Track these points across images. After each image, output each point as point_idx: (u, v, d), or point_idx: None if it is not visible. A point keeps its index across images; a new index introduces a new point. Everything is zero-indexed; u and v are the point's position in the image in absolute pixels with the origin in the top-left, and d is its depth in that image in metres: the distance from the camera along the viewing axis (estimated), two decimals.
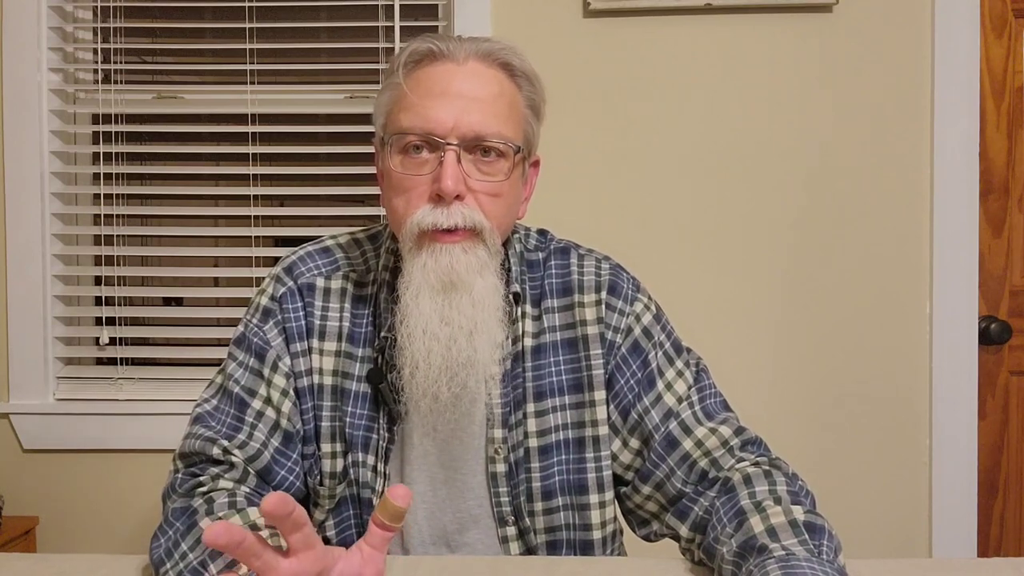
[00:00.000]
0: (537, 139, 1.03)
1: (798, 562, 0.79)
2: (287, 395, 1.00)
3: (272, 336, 1.02)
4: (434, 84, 0.94)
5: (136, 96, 1.98)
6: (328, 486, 1.02)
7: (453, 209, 0.92)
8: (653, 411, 1.01)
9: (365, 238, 1.10)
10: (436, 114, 0.93)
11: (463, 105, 0.93)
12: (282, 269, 1.06)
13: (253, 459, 0.96)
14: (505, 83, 0.97)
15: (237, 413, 0.99)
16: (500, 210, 0.97)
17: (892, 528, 1.88)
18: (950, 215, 1.85)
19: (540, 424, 1.02)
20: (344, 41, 1.98)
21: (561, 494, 1.02)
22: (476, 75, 0.95)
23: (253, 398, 0.99)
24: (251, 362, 1.01)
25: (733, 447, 0.99)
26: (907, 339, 1.87)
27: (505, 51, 0.97)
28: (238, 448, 0.96)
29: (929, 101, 1.85)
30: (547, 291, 1.05)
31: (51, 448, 1.96)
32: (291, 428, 1.00)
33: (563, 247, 1.10)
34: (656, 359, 1.03)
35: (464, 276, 0.93)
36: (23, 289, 1.93)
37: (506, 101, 0.96)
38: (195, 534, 0.87)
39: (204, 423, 0.99)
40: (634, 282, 1.08)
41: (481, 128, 0.93)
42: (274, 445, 0.98)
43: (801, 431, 1.88)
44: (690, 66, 1.87)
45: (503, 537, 1.02)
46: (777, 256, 1.88)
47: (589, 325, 1.03)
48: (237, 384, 1.00)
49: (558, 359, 1.03)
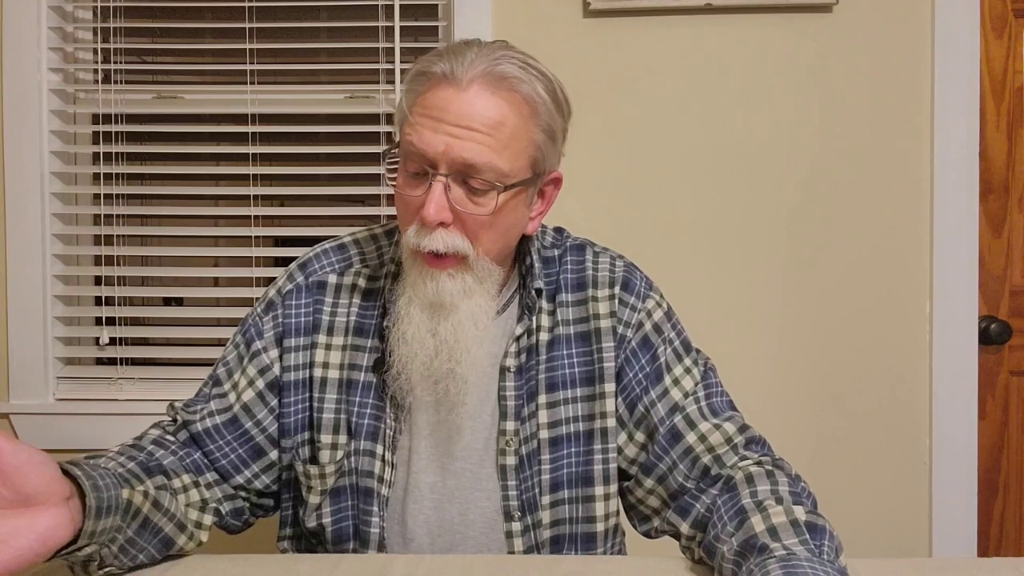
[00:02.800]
0: (556, 159, 1.03)
1: (799, 561, 0.80)
2: (252, 385, 1.05)
3: (266, 328, 1.07)
4: (433, 107, 0.94)
5: (136, 96, 1.97)
6: (320, 470, 1.03)
7: (436, 235, 0.95)
8: (659, 404, 1.02)
9: (382, 233, 1.13)
10: (429, 139, 0.93)
11: (457, 133, 0.93)
12: (297, 266, 1.11)
13: (189, 423, 1.05)
14: (510, 110, 0.95)
15: (209, 390, 1.08)
16: (491, 237, 0.98)
17: (892, 528, 1.88)
18: (950, 215, 1.85)
19: (552, 416, 1.03)
20: (344, 41, 1.98)
21: (568, 487, 1.03)
22: (477, 100, 0.93)
23: (227, 381, 1.07)
24: (241, 348, 1.08)
25: (737, 445, 0.99)
26: (907, 339, 1.87)
27: (517, 79, 0.95)
28: (183, 410, 1.07)
29: (929, 101, 1.85)
30: (562, 286, 1.07)
31: (51, 448, 1.95)
32: (243, 417, 1.05)
33: (579, 244, 1.12)
34: (665, 354, 1.05)
35: (448, 300, 0.97)
36: (23, 289, 1.93)
37: (507, 130, 0.94)
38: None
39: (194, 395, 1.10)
40: (647, 280, 1.10)
41: (471, 159, 0.93)
42: (214, 422, 1.04)
43: (801, 431, 1.88)
44: (690, 66, 1.87)
45: (508, 532, 1.03)
46: (777, 256, 1.88)
47: (602, 319, 1.05)
48: (225, 366, 1.09)
49: (571, 352, 1.05)
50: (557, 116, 1.00)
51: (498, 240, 0.99)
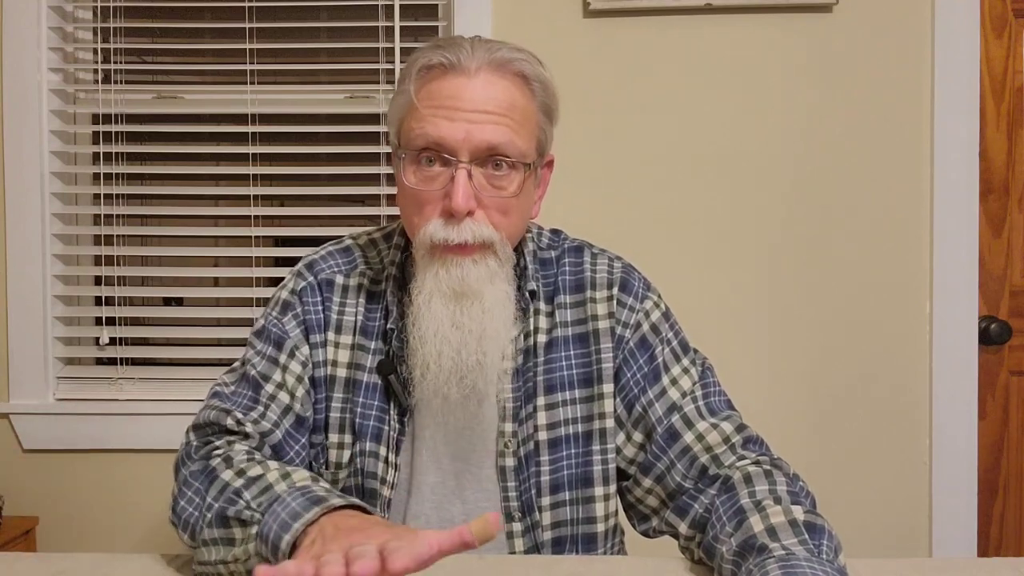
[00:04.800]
0: (551, 141, 1.04)
1: (798, 561, 0.79)
2: (301, 381, 1.03)
3: (291, 328, 1.05)
4: (445, 98, 0.94)
5: (136, 96, 1.98)
6: (332, 473, 1.03)
7: (464, 226, 0.94)
8: (657, 404, 1.02)
9: (380, 237, 1.13)
10: (447, 129, 0.93)
11: (475, 118, 0.93)
12: (303, 266, 1.10)
13: (266, 435, 0.99)
14: (518, 92, 0.97)
15: (253, 394, 1.01)
16: (512, 220, 0.98)
17: (892, 528, 1.88)
18: (950, 215, 1.85)
19: (550, 418, 1.03)
20: (344, 41, 1.98)
21: (568, 488, 1.03)
22: (488, 86, 0.94)
23: (267, 382, 1.02)
24: (269, 351, 1.04)
25: (735, 444, 0.99)
26: (907, 339, 1.87)
27: (518, 60, 0.97)
28: (251, 423, 0.98)
29: (929, 101, 1.85)
30: (560, 287, 1.07)
31: (51, 448, 1.96)
32: (303, 413, 1.02)
33: (577, 246, 1.12)
34: (663, 354, 1.05)
35: (474, 286, 0.96)
36: (23, 289, 1.93)
37: (519, 111, 0.96)
38: (218, 485, 0.89)
39: (221, 398, 1.02)
40: (645, 281, 1.10)
41: (493, 141, 0.94)
42: (285, 426, 1.01)
43: (801, 431, 1.88)
44: (690, 66, 1.87)
45: (508, 533, 1.03)
46: (777, 255, 1.88)
47: (600, 320, 1.05)
48: (254, 368, 1.03)
49: (569, 353, 1.04)
50: (553, 96, 1.02)
51: (519, 222, 1.01)
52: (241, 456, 0.93)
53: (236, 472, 0.90)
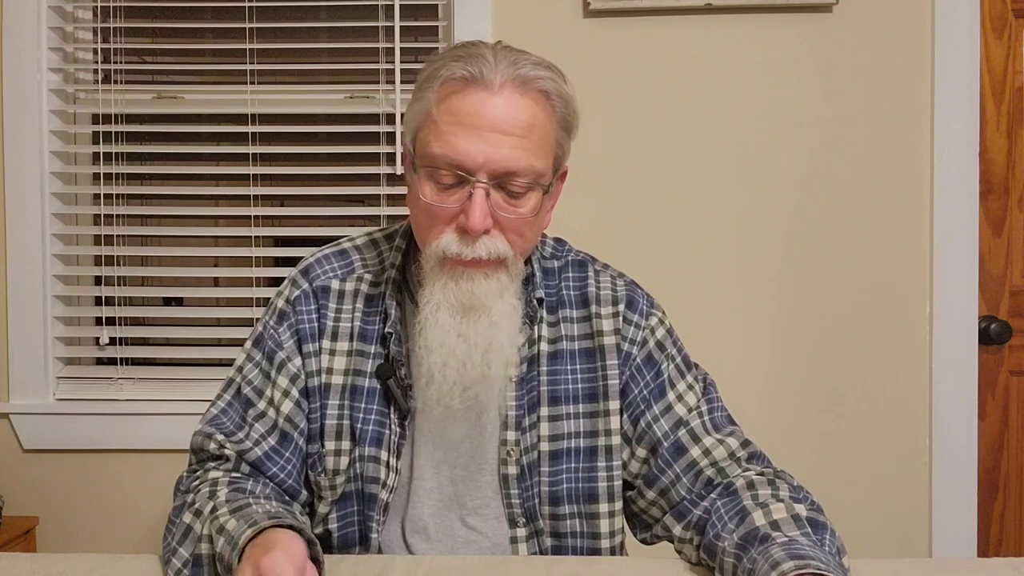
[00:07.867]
0: (567, 154, 1.02)
1: (801, 546, 0.80)
2: (288, 395, 1.03)
3: (284, 339, 1.05)
4: (465, 114, 0.92)
5: (136, 96, 1.97)
6: (329, 480, 1.03)
7: (479, 243, 0.93)
8: (663, 419, 1.02)
9: (382, 238, 1.12)
10: (466, 148, 0.91)
11: (494, 139, 0.91)
12: (299, 272, 1.09)
13: (244, 452, 1.00)
14: (539, 109, 0.94)
15: (243, 412, 1.03)
16: (527, 238, 0.98)
17: (892, 528, 1.88)
18: (950, 215, 1.85)
19: (553, 429, 1.03)
20: (344, 41, 1.98)
21: (569, 502, 1.02)
22: (510, 104, 0.92)
23: (260, 399, 1.03)
24: (263, 363, 1.05)
25: (740, 459, 1.00)
26: (907, 339, 1.87)
27: (543, 77, 0.95)
28: (232, 444, 1.01)
29: (929, 101, 1.85)
30: (565, 300, 1.07)
31: (51, 448, 1.95)
32: (289, 429, 1.02)
33: (580, 260, 1.11)
34: (668, 371, 1.05)
35: (484, 300, 0.95)
36: (23, 289, 1.93)
37: (538, 131, 0.94)
38: (184, 532, 0.93)
39: (212, 421, 1.04)
40: (649, 298, 1.10)
41: (511, 164, 0.92)
42: (269, 444, 1.02)
43: (801, 431, 1.88)
44: (690, 66, 1.87)
45: (512, 538, 1.03)
46: (777, 255, 1.88)
47: (606, 336, 1.05)
48: (249, 385, 1.04)
49: (575, 367, 1.04)
50: (573, 111, 1.00)
51: (533, 239, 1.01)
52: (203, 493, 0.96)
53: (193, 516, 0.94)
